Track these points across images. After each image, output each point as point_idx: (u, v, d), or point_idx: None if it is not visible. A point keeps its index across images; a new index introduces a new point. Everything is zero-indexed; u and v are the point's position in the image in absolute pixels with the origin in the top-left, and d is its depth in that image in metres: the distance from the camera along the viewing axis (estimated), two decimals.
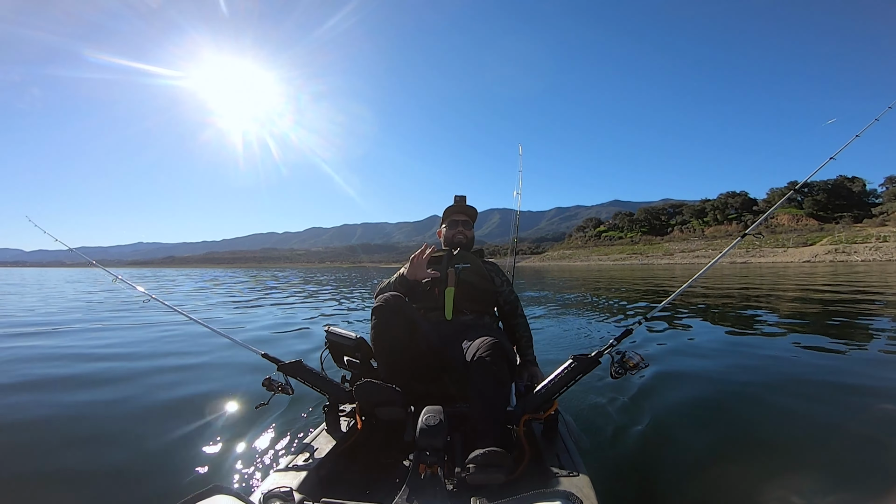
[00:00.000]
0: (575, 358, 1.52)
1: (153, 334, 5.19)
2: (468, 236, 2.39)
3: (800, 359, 3.75)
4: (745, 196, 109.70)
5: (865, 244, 59.41)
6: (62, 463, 1.93)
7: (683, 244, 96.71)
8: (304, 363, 1.73)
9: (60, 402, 2.72)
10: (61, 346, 4.55)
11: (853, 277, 16.34)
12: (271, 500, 1.05)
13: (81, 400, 2.76)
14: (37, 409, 2.58)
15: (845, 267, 32.87)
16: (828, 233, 74.70)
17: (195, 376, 3.32)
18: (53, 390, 2.97)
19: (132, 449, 2.09)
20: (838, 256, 56.21)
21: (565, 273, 33.53)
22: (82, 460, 1.96)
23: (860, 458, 1.98)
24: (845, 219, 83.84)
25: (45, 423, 2.39)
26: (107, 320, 6.61)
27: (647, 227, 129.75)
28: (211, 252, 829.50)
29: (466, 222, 2.41)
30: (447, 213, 2.44)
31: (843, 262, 49.14)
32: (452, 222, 2.40)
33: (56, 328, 5.86)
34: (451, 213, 2.42)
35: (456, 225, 2.39)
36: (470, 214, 2.43)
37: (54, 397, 2.81)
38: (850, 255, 55.85)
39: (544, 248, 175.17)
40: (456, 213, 2.41)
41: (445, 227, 2.43)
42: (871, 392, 2.83)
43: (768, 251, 68.90)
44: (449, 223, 2.41)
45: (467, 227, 2.40)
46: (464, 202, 2.42)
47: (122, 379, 3.25)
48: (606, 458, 2.00)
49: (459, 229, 2.38)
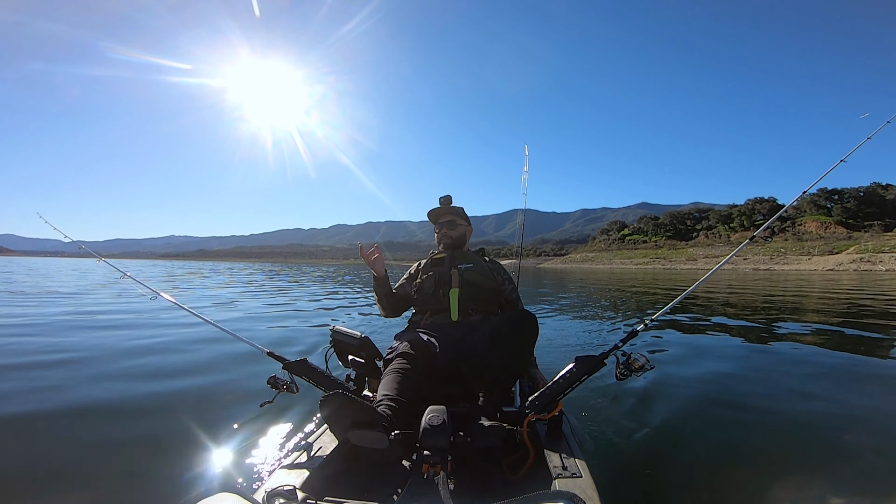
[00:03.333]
0: (580, 359, 1.53)
1: (159, 331, 5.16)
2: (453, 236, 2.37)
3: (809, 364, 3.79)
4: (774, 202, 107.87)
5: (892, 253, 59.46)
6: (65, 461, 1.92)
7: (707, 249, 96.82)
8: (309, 362, 1.74)
9: (64, 400, 2.67)
10: (62, 341, 4.44)
11: (876, 287, 16.51)
12: (275, 498, 1.06)
13: (84, 397, 2.73)
14: (36, 407, 2.52)
15: (870, 276, 33.10)
16: (855, 241, 74.28)
17: (200, 373, 3.34)
18: (57, 388, 2.90)
19: (136, 447, 2.08)
20: (863, 265, 56.45)
21: (588, 275, 34.28)
22: (85, 459, 1.94)
23: (870, 465, 1.95)
24: (875, 227, 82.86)
25: (48, 423, 2.34)
26: (109, 315, 6.52)
27: (672, 231, 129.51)
28: (240, 246, 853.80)
29: (451, 222, 2.38)
30: (431, 217, 2.45)
31: (868, 271, 49.50)
32: (438, 225, 2.41)
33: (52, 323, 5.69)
34: (436, 216, 2.43)
35: (441, 227, 2.39)
36: (454, 213, 2.40)
37: (59, 395, 2.75)
38: (875, 264, 56.06)
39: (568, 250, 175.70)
40: (440, 215, 2.41)
41: (435, 230, 2.44)
42: (884, 399, 2.87)
43: (793, 258, 68.93)
44: (436, 226, 2.43)
45: (451, 228, 2.38)
46: (448, 202, 2.38)
47: (124, 375, 3.26)
48: (610, 460, 1.98)
49: (444, 231, 2.38)
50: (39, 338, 4.58)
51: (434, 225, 2.46)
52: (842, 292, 13.46)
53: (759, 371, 3.66)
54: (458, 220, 2.41)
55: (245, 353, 3.70)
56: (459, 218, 2.42)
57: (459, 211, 2.43)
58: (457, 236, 2.39)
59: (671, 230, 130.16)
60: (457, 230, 2.40)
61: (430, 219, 2.46)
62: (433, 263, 2.31)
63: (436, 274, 2.21)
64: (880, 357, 4.16)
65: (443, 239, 2.39)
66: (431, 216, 2.45)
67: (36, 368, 3.38)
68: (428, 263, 2.35)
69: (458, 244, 2.39)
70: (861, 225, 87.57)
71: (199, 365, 3.60)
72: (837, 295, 12.30)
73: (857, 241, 74.22)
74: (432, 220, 2.46)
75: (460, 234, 2.41)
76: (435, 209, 2.42)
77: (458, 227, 2.41)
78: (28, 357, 3.74)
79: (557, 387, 1.54)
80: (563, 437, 1.55)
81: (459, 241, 2.40)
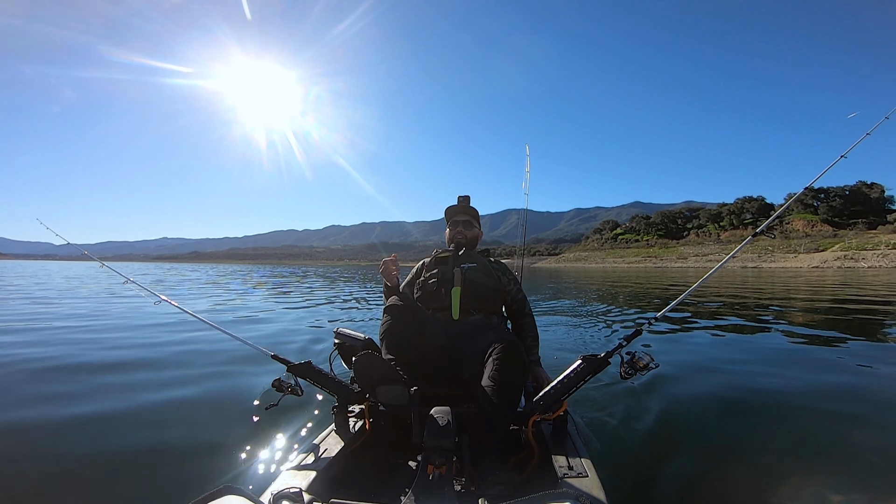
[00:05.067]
0: (584, 358, 1.52)
1: (162, 334, 5.18)
2: (468, 236, 2.38)
3: (813, 362, 3.82)
4: (762, 201, 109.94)
5: (874, 251, 60.72)
6: (70, 462, 1.94)
7: (698, 248, 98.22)
8: (313, 364, 1.74)
9: (68, 403, 2.69)
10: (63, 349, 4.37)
11: (860, 282, 17.36)
12: (281, 500, 1.07)
13: (88, 400, 2.76)
14: (43, 412, 2.55)
15: (853, 273, 33.57)
16: (840, 239, 75.76)
17: (204, 377, 3.35)
18: (60, 390, 2.94)
19: (141, 449, 2.09)
20: (846, 263, 57.64)
21: (581, 274, 33.91)
22: (90, 460, 1.96)
23: (872, 461, 1.97)
24: (859, 225, 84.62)
25: (52, 424, 2.36)
26: (110, 318, 6.56)
27: (663, 230, 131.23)
28: (233, 248, 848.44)
29: (467, 222, 2.40)
30: (448, 213, 2.46)
31: (851, 268, 50.61)
32: (454, 223, 2.42)
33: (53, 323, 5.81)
34: (453, 213, 2.44)
35: (457, 225, 2.40)
36: (471, 214, 2.43)
37: (62, 398, 2.79)
38: (858, 261, 57.33)
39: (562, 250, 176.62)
40: (457, 213, 2.43)
41: (448, 228, 2.46)
42: (884, 396, 2.90)
43: (779, 256, 70.35)
44: (451, 224, 2.44)
45: (467, 227, 2.40)
46: (466, 202, 2.41)
47: (132, 379, 3.29)
48: (616, 460, 1.98)
49: (459, 229, 2.38)
50: (36, 348, 4.40)
51: (448, 222, 2.47)
52: (828, 288, 13.84)
53: (767, 370, 3.64)
54: (474, 222, 2.46)
55: (249, 355, 3.72)
56: (475, 220, 2.46)
57: (475, 213, 2.47)
58: (471, 237, 2.41)
59: (663, 229, 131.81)
60: (472, 231, 2.43)
61: (447, 215, 2.47)
62: (437, 262, 2.32)
63: (439, 272, 2.23)
64: (882, 355, 4.20)
65: (457, 236, 2.39)
66: (448, 213, 2.46)
67: (34, 380, 3.33)
68: (432, 262, 2.36)
69: (470, 245, 2.40)
70: (846, 223, 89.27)
71: (204, 368, 3.63)
72: (825, 291, 12.66)
73: (843, 238, 75.65)
74: (448, 216, 2.46)
75: (475, 236, 2.44)
76: (453, 206, 2.44)
77: (474, 228, 2.44)
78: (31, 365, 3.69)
79: (562, 386, 1.54)
80: (569, 436, 1.56)
81: (472, 242, 2.42)
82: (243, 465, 1.95)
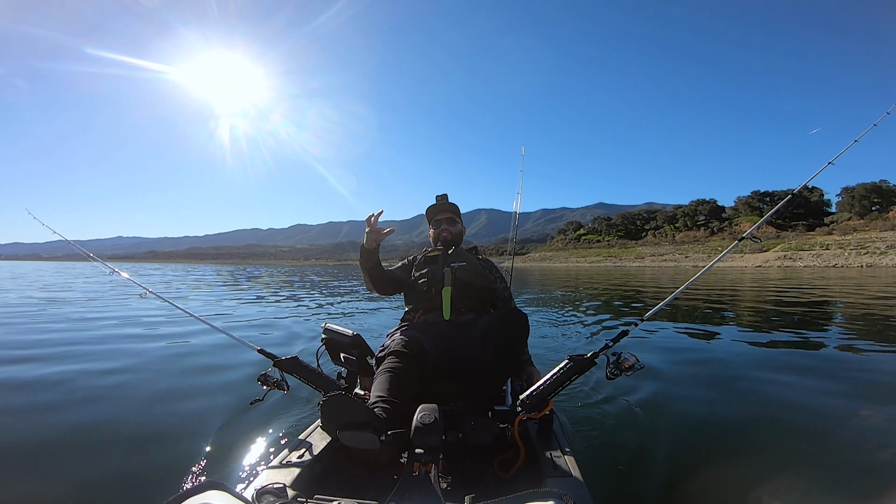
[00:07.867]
0: (571, 358, 1.53)
1: (147, 330, 5.10)
2: (453, 232, 2.40)
3: (794, 362, 3.88)
4: (714, 203, 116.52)
5: (810, 251, 65.49)
6: (52, 461, 1.92)
7: (654, 248, 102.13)
8: (300, 359, 1.73)
9: (52, 398, 2.66)
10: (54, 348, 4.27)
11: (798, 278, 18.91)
12: (265, 496, 1.06)
13: (72, 393, 2.73)
14: (27, 410, 2.51)
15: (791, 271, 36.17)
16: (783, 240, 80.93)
17: (190, 371, 3.29)
18: (45, 387, 2.89)
19: (125, 445, 2.07)
20: (785, 262, 61.94)
21: (546, 273, 34.95)
22: (74, 457, 1.94)
23: (853, 459, 2.02)
24: (799, 227, 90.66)
25: (40, 422, 2.33)
26: (95, 312, 6.46)
27: (623, 231, 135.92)
28: (194, 247, 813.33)
29: (450, 219, 2.42)
30: (430, 213, 2.46)
31: (790, 267, 54.53)
32: (436, 221, 2.43)
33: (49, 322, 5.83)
34: (434, 212, 2.44)
35: (440, 224, 2.41)
36: (452, 211, 2.44)
37: (45, 393, 2.75)
38: (796, 261, 61.74)
39: (529, 250, 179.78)
40: (438, 212, 2.43)
41: (431, 228, 2.46)
42: (861, 393, 2.97)
43: (727, 256, 73.17)
44: (434, 223, 2.45)
45: (451, 224, 2.41)
46: (445, 200, 2.40)
47: (115, 373, 3.23)
48: (600, 459, 2.00)
49: (444, 227, 2.40)
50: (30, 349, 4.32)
51: (431, 222, 2.49)
52: (775, 286, 15.09)
53: (748, 371, 3.67)
54: (456, 218, 2.48)
55: (235, 349, 3.70)
56: (456, 216, 2.49)
57: (456, 209, 2.49)
58: (456, 233, 2.44)
59: (623, 230, 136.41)
60: (455, 227, 2.45)
61: (428, 215, 2.50)
62: (426, 261, 2.32)
63: (429, 272, 2.23)
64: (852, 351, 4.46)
65: (442, 234, 2.42)
66: (430, 212, 2.48)
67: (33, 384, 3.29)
68: (421, 261, 2.37)
69: (455, 241, 2.43)
70: (788, 225, 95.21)
71: (188, 361, 3.62)
72: (779, 290, 13.69)
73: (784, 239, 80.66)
74: (430, 216, 2.49)
75: (459, 232, 2.47)
76: (433, 206, 2.45)
77: (457, 223, 2.47)
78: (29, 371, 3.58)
79: (548, 386, 1.55)
80: (554, 435, 1.57)
81: (458, 238, 2.45)
82: (227, 460, 1.95)
